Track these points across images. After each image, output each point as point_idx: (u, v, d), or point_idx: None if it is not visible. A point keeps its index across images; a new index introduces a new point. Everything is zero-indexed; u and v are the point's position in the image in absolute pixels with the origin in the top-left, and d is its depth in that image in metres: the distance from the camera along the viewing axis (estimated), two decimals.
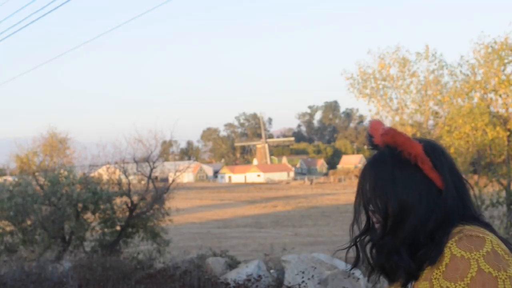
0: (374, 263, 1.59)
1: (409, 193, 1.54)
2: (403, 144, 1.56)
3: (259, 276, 8.78)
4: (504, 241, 1.52)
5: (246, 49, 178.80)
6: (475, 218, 1.56)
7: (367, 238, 1.62)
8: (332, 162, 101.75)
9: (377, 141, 1.63)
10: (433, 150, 1.59)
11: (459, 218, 1.55)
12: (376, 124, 1.70)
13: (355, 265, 1.69)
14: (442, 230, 1.51)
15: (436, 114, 10.81)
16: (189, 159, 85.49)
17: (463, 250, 1.42)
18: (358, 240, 1.65)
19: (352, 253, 1.76)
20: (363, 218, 1.64)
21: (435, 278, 1.45)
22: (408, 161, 1.55)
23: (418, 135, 10.30)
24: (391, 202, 1.55)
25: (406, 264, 1.51)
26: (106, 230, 12.44)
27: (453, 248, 1.44)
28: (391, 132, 1.58)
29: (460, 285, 1.39)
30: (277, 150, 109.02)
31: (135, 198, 12.70)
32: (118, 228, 12.49)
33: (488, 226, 1.55)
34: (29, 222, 12.65)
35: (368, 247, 1.62)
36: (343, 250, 1.77)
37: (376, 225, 1.59)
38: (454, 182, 1.57)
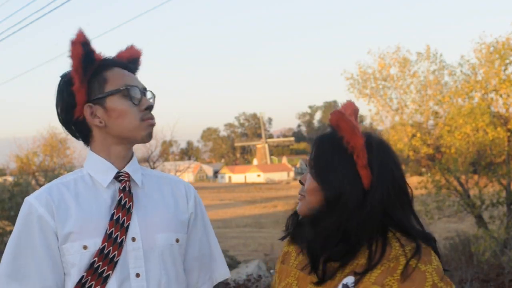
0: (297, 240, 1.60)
1: (341, 181, 1.52)
2: (345, 131, 1.53)
3: (259, 276, 8.78)
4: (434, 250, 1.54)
5: (246, 48, 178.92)
6: (408, 228, 1.52)
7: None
8: None
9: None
10: (378, 149, 1.55)
11: (390, 224, 1.52)
12: (345, 105, 1.67)
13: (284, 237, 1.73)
14: (372, 233, 1.49)
15: (436, 114, 10.81)
16: (189, 159, 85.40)
17: (419, 261, 1.43)
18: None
19: None
20: None
21: (388, 285, 1.43)
22: (346, 149, 1.52)
23: (419, 135, 10.30)
24: (325, 183, 1.53)
25: (337, 252, 1.50)
26: None
27: (408, 257, 1.44)
28: (338, 115, 1.55)
29: None
30: (277, 150, 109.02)
31: None
32: None
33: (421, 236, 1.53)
34: None
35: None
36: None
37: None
38: (387, 188, 1.52)
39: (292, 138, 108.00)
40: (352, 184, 1.51)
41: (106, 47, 1.82)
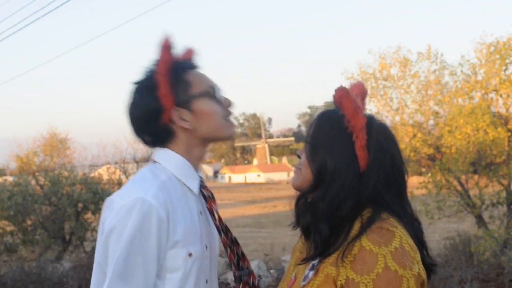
0: (300, 221, 1.59)
1: (336, 160, 1.51)
2: (346, 109, 1.52)
3: (259, 276, 8.77)
4: (414, 233, 1.50)
5: (245, 48, 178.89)
6: (400, 213, 1.52)
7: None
8: None
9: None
10: (378, 132, 1.55)
11: (381, 208, 1.50)
12: (353, 85, 1.66)
13: (295, 224, 1.68)
14: (355, 214, 1.49)
15: (436, 114, 10.80)
16: None
17: (372, 243, 1.40)
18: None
19: None
20: None
21: (342, 266, 1.43)
22: (346, 128, 1.51)
23: (419, 135, 10.29)
24: (319, 159, 1.53)
25: (324, 233, 1.49)
26: None
27: (363, 240, 1.42)
28: (341, 92, 1.54)
29: (366, 279, 1.37)
30: (277, 150, 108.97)
31: None
32: None
33: (410, 224, 1.52)
34: (29, 222, 12.62)
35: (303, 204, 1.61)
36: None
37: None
38: (385, 172, 1.52)
39: (292, 138, 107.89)
40: (348, 164, 1.50)
41: (106, 46, 1.81)
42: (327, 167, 1.51)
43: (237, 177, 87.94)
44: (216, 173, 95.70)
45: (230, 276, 9.40)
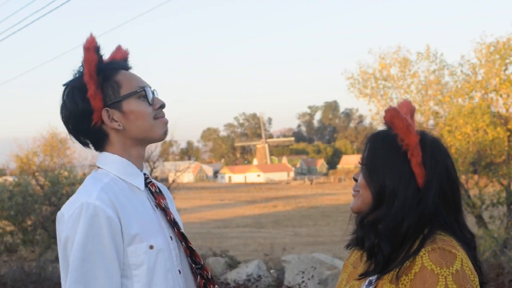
0: (365, 243, 1.58)
1: (395, 180, 1.52)
2: (399, 128, 1.54)
3: (259, 276, 8.77)
4: (472, 257, 1.51)
5: (246, 48, 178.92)
6: (455, 228, 1.53)
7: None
8: (332, 162, 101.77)
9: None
10: (432, 147, 1.56)
11: (437, 224, 1.51)
12: (401, 104, 1.68)
13: (351, 244, 1.68)
14: (416, 232, 1.50)
15: (436, 114, 10.80)
16: (189, 159, 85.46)
17: (434, 263, 1.42)
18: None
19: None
20: None
21: (402, 284, 1.45)
22: (401, 146, 1.53)
23: None
24: (377, 180, 1.54)
25: (386, 252, 1.50)
26: None
27: (424, 259, 1.44)
28: (392, 113, 1.55)
29: None
30: (277, 150, 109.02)
31: None
32: None
33: (464, 239, 1.53)
34: (29, 222, 12.65)
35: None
36: (345, 250, 1.78)
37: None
38: (442, 186, 1.53)
39: (292, 138, 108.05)
40: (406, 182, 1.52)
41: (106, 46, 1.81)
42: (386, 187, 1.52)
43: (237, 177, 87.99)
44: (216, 173, 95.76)
45: (230, 276, 9.40)
